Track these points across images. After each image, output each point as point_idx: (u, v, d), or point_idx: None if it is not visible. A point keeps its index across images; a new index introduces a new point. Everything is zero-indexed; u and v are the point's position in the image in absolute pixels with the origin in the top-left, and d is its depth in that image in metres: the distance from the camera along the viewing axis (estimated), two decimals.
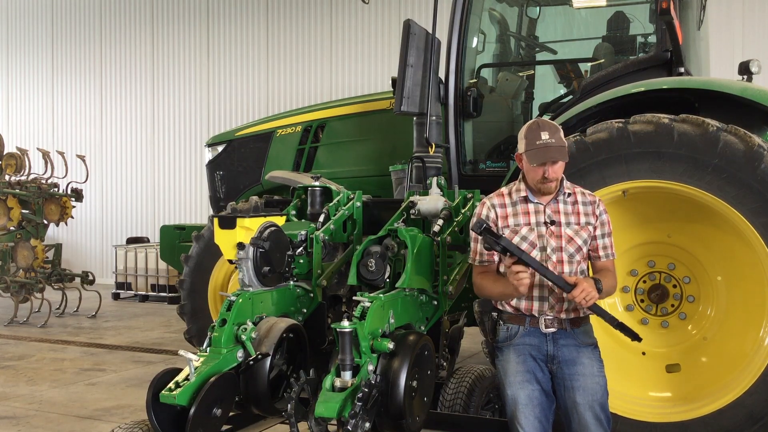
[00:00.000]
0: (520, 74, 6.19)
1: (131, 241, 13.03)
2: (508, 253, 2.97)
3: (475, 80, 5.83)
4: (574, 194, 3.24)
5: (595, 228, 3.21)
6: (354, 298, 3.25)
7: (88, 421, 5.42)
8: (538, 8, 6.48)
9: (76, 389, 6.33)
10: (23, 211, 9.99)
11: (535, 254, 3.12)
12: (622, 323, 3.14)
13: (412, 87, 5.28)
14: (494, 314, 3.28)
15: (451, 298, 3.71)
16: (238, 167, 7.22)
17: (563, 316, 3.13)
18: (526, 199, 3.20)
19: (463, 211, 3.83)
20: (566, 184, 3.23)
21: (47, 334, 8.99)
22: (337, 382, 3.00)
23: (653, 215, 4.35)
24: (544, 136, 3.09)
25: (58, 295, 10.37)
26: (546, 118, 5.48)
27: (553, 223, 3.16)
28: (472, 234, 3.20)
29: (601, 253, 3.24)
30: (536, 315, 3.13)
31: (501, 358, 3.24)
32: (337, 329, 3.01)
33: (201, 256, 6.22)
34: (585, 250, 3.19)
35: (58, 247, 10.66)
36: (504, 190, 3.29)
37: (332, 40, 12.42)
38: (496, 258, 3.23)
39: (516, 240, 3.14)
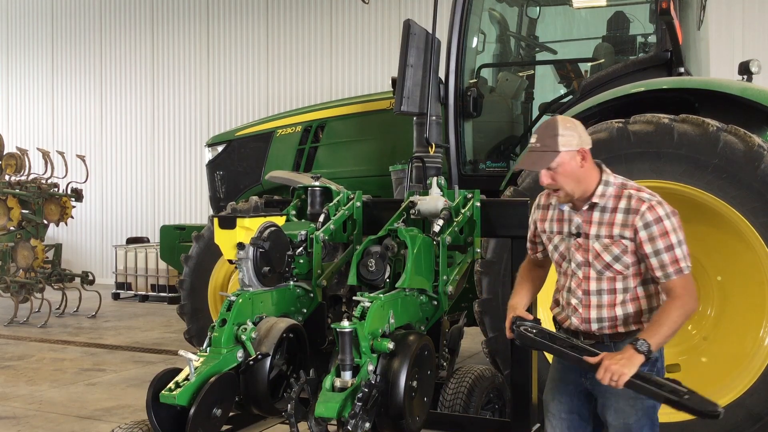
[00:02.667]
0: (520, 74, 6.19)
1: (131, 241, 13.02)
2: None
3: (475, 80, 5.83)
4: (618, 197, 2.79)
5: (640, 244, 2.72)
6: (354, 298, 3.24)
7: (88, 421, 5.42)
8: (538, 8, 6.48)
9: (76, 389, 6.33)
10: (23, 211, 9.98)
11: (565, 266, 2.91)
12: (683, 401, 2.55)
13: (412, 87, 5.28)
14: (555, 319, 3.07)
15: (451, 298, 3.71)
16: (238, 167, 7.22)
17: (596, 332, 2.83)
18: (558, 207, 2.93)
19: (463, 211, 3.83)
20: (603, 188, 2.80)
21: (47, 334, 8.99)
22: (337, 382, 3.00)
23: None
24: (533, 139, 2.82)
25: (58, 295, 10.37)
26: (546, 117, 5.49)
27: (579, 235, 2.85)
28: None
29: (659, 273, 2.72)
30: (572, 329, 2.89)
31: (552, 362, 3.15)
32: (337, 329, 3.01)
33: (201, 256, 6.22)
34: (620, 266, 2.77)
35: (58, 247, 10.66)
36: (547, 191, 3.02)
37: (332, 40, 12.42)
38: (540, 255, 3.10)
39: (549, 248, 2.99)
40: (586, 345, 2.78)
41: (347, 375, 3.00)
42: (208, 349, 3.27)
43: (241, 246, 3.54)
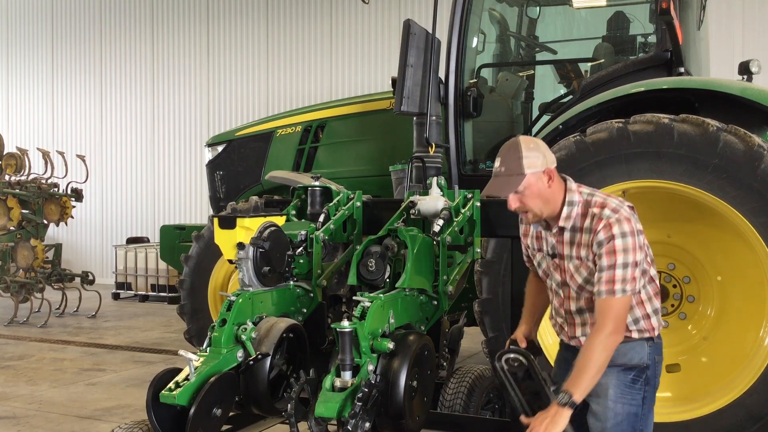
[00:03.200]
0: (520, 74, 6.19)
1: (131, 241, 13.03)
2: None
3: (475, 80, 5.83)
4: (584, 216, 2.75)
5: (596, 259, 2.69)
6: (354, 298, 3.24)
7: (88, 421, 5.42)
8: (538, 8, 6.48)
9: (76, 389, 6.33)
10: (23, 211, 9.98)
11: (549, 283, 2.93)
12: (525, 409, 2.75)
13: (412, 87, 5.28)
14: None
15: (451, 298, 3.70)
16: (238, 167, 7.22)
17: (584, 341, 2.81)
18: (536, 227, 2.93)
19: (463, 211, 3.83)
20: (566, 211, 2.76)
21: (47, 334, 8.99)
22: (337, 382, 3.00)
23: (653, 215, 4.36)
24: (497, 163, 2.77)
25: (58, 295, 10.37)
26: (546, 117, 5.49)
27: (555, 255, 2.84)
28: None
29: (595, 289, 2.68)
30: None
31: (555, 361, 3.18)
32: (337, 329, 3.01)
33: (201, 256, 6.22)
34: (591, 287, 2.74)
35: (58, 247, 10.67)
36: None
37: (332, 40, 12.42)
38: (536, 263, 3.04)
39: (535, 264, 2.99)
40: (550, 394, 2.77)
41: (347, 375, 3.00)
42: (208, 349, 3.27)
43: (241, 246, 3.54)
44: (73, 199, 10.51)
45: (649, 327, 2.81)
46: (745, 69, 5.35)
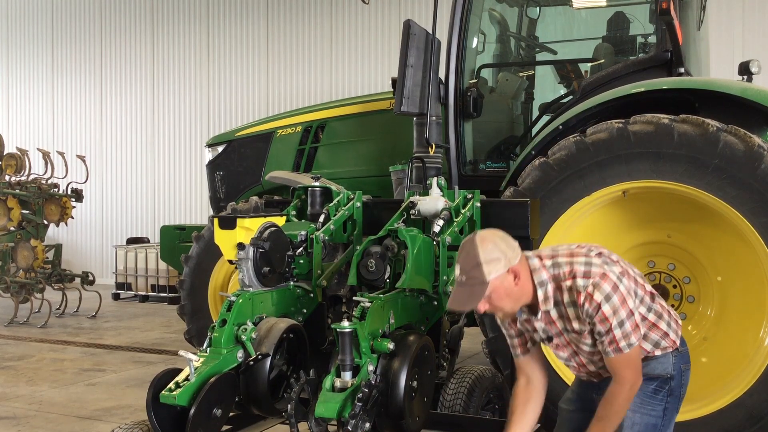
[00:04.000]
0: (520, 74, 6.19)
1: (131, 241, 13.02)
2: None
3: (475, 80, 5.83)
4: (559, 291, 2.68)
5: (594, 326, 2.66)
6: (354, 298, 3.25)
7: (88, 421, 5.42)
8: (538, 8, 6.48)
9: (76, 389, 6.33)
10: (23, 211, 9.98)
11: (558, 356, 2.89)
12: None
13: (412, 87, 5.28)
14: None
15: None
16: (238, 167, 7.22)
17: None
18: (519, 315, 2.83)
19: (463, 211, 3.83)
20: (541, 295, 2.69)
21: (47, 334, 8.99)
22: (337, 383, 3.01)
23: (653, 215, 4.36)
24: (457, 271, 2.67)
25: (58, 295, 10.36)
26: (546, 118, 5.48)
27: (551, 338, 2.80)
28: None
29: (601, 349, 2.69)
30: None
31: None
32: (337, 329, 3.01)
33: (201, 256, 6.22)
34: (599, 346, 2.71)
35: (58, 248, 10.66)
36: None
37: (332, 40, 12.42)
38: (519, 351, 2.94)
39: (537, 339, 2.89)
40: None
41: (347, 375, 3.00)
42: (208, 349, 3.27)
43: (241, 246, 3.54)
44: (73, 199, 10.50)
45: (670, 343, 2.80)
46: (745, 69, 5.35)
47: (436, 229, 3.66)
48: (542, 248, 2.91)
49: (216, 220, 3.88)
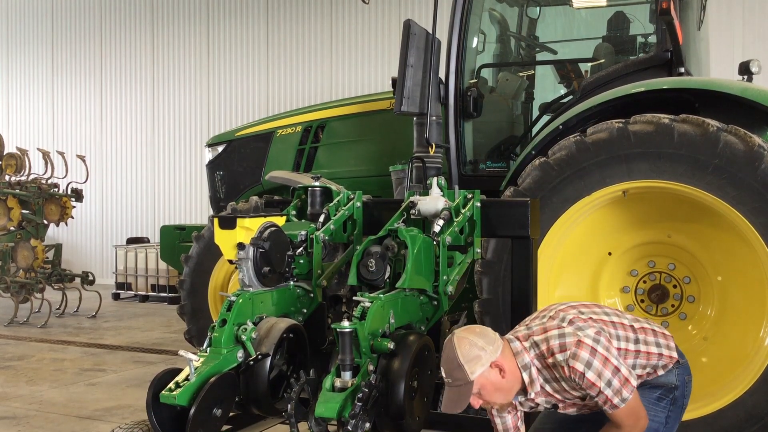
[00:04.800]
0: (520, 74, 6.19)
1: (131, 241, 13.02)
2: None
3: (475, 80, 5.83)
4: (547, 369, 2.72)
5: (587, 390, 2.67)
6: (354, 298, 3.24)
7: (88, 421, 5.42)
8: (538, 8, 6.48)
9: (76, 389, 6.33)
10: (23, 211, 9.98)
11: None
12: None
13: (412, 87, 5.28)
14: None
15: (452, 299, 3.70)
16: (238, 167, 7.22)
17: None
18: (515, 400, 2.85)
19: (463, 211, 3.83)
20: (527, 379, 2.72)
21: (47, 334, 8.99)
22: (337, 383, 3.00)
23: (653, 215, 4.36)
24: (443, 373, 2.71)
25: (58, 295, 10.37)
26: (546, 118, 5.48)
27: (556, 407, 2.83)
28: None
29: (602, 407, 2.70)
30: None
31: None
32: (337, 329, 3.01)
33: (201, 256, 6.22)
34: (599, 406, 2.73)
35: (58, 247, 10.66)
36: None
37: (332, 40, 12.42)
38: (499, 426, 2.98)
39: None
40: None
41: (347, 375, 3.00)
42: (208, 349, 3.27)
43: (241, 246, 3.54)
44: (73, 199, 10.51)
45: (668, 360, 2.84)
46: (745, 69, 5.35)
47: (437, 228, 3.66)
48: (518, 327, 2.89)
49: (216, 220, 3.88)
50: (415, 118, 5.49)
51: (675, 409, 2.84)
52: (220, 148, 7.39)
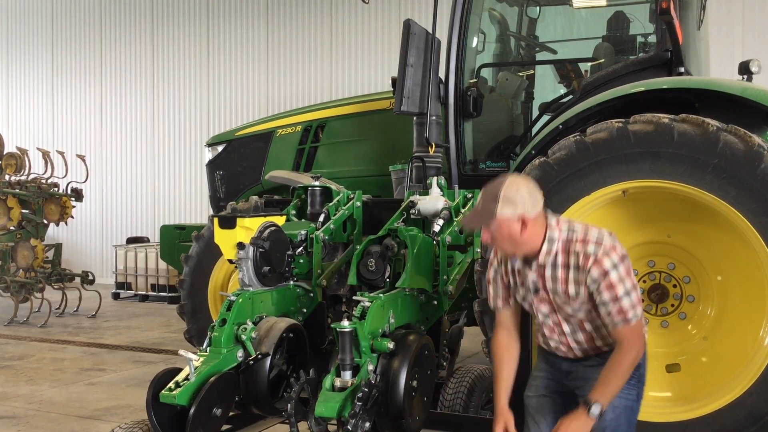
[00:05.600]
0: (520, 74, 6.19)
1: (131, 241, 13.02)
2: None
3: (475, 80, 5.83)
4: (565, 254, 2.80)
5: (596, 294, 2.76)
6: (354, 297, 3.25)
7: (88, 421, 5.42)
8: (538, 8, 6.48)
9: (76, 389, 6.33)
10: (23, 211, 9.98)
11: (536, 314, 2.97)
12: None
13: (412, 87, 5.28)
14: None
15: (451, 298, 3.71)
16: (238, 167, 7.22)
17: (582, 356, 2.93)
18: (511, 261, 2.98)
19: (463, 211, 3.83)
20: (546, 248, 2.82)
21: (47, 334, 8.99)
22: (337, 382, 3.01)
23: (653, 215, 4.35)
24: (479, 197, 2.88)
25: (58, 295, 10.37)
26: (546, 117, 5.49)
27: (537, 290, 2.90)
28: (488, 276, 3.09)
29: (607, 321, 2.78)
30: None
31: (536, 360, 3.21)
32: (337, 329, 3.01)
33: (201, 256, 6.22)
34: (583, 314, 2.84)
35: (58, 247, 10.66)
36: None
37: (332, 40, 12.42)
38: (500, 303, 3.07)
39: (519, 299, 3.02)
40: None
41: (347, 375, 3.00)
42: (208, 348, 3.27)
43: (241, 246, 3.54)
44: (73, 199, 10.51)
45: None
46: (745, 69, 5.35)
47: (436, 228, 3.67)
48: (562, 216, 3.02)
49: (216, 220, 3.89)
50: (414, 118, 5.49)
51: (640, 386, 2.94)
52: (220, 148, 7.39)
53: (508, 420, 2.95)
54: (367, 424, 2.93)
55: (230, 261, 3.76)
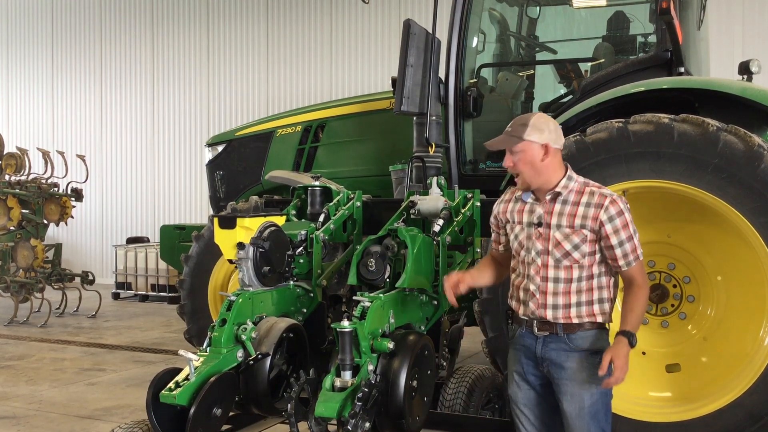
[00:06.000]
0: (520, 74, 6.19)
1: (131, 241, 13.03)
2: None
3: (475, 80, 5.83)
4: (581, 193, 2.98)
5: (605, 236, 2.91)
6: (354, 298, 3.25)
7: (88, 421, 5.42)
8: (538, 8, 6.48)
9: (76, 389, 6.33)
10: (23, 211, 9.99)
11: (523, 255, 3.05)
12: None
13: (412, 87, 5.28)
14: (508, 312, 3.23)
15: None
16: (238, 167, 7.22)
17: (551, 320, 2.97)
18: (521, 198, 3.10)
19: (463, 211, 3.83)
20: (566, 181, 3.00)
21: (47, 334, 8.99)
22: (337, 382, 3.01)
23: (653, 215, 4.35)
24: (508, 127, 3.05)
25: (58, 295, 10.37)
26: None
27: (540, 224, 3.00)
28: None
29: (621, 262, 2.94)
30: (527, 317, 3.03)
31: (508, 356, 3.25)
32: (337, 329, 3.01)
33: (201, 256, 6.22)
34: (578, 255, 2.94)
35: (58, 247, 10.67)
36: (515, 187, 3.22)
37: (332, 40, 12.42)
38: (501, 248, 3.25)
39: (510, 238, 3.12)
40: None
41: (347, 375, 3.00)
42: (208, 348, 3.27)
43: (241, 246, 3.54)
44: (73, 199, 10.51)
45: (609, 310, 3.03)
46: (745, 69, 5.35)
47: (436, 228, 3.67)
48: None
49: (216, 220, 3.88)
50: (414, 118, 5.49)
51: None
52: (219, 148, 7.39)
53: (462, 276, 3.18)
54: (367, 424, 2.93)
55: (230, 261, 3.76)
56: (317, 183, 4.34)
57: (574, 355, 2.96)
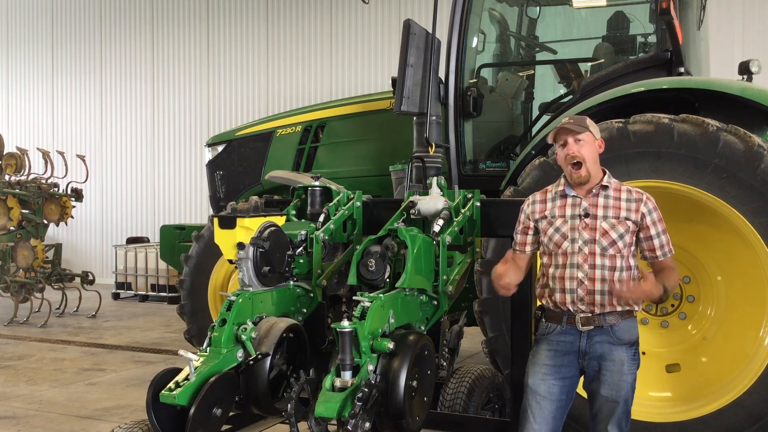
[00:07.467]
0: (520, 74, 6.19)
1: (131, 241, 13.03)
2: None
3: (475, 80, 5.83)
4: (618, 190, 3.21)
5: (645, 228, 3.17)
6: (354, 298, 3.24)
7: (88, 421, 5.42)
8: (538, 8, 6.48)
9: (76, 389, 6.33)
10: (23, 211, 9.99)
11: (566, 246, 3.16)
12: None
13: (412, 87, 5.28)
14: (538, 312, 3.32)
15: (451, 298, 3.70)
16: (238, 167, 7.23)
17: (597, 311, 3.12)
18: (563, 194, 3.23)
19: (463, 211, 3.83)
20: (607, 179, 3.22)
21: (47, 334, 8.99)
22: (337, 382, 3.00)
23: None
24: (565, 119, 3.24)
25: (58, 295, 10.37)
26: (546, 117, 5.51)
27: (587, 215, 3.17)
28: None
29: (659, 253, 3.20)
30: (572, 311, 3.14)
31: (534, 349, 3.30)
32: (337, 329, 3.01)
33: (201, 256, 6.22)
34: (621, 244, 3.13)
35: (58, 247, 10.67)
36: (548, 187, 3.36)
37: (332, 40, 12.42)
38: (528, 249, 3.33)
39: (550, 231, 3.22)
40: None
41: (347, 375, 3.00)
42: (208, 349, 3.27)
43: (241, 246, 3.54)
44: (73, 199, 10.51)
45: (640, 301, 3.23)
46: (745, 69, 5.35)
47: (436, 228, 3.66)
48: None
49: (216, 220, 3.88)
50: (414, 118, 5.49)
51: (638, 359, 3.25)
52: (219, 148, 7.40)
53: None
54: (367, 424, 2.93)
55: (230, 261, 3.76)
56: (317, 183, 4.34)
57: (618, 348, 3.14)
